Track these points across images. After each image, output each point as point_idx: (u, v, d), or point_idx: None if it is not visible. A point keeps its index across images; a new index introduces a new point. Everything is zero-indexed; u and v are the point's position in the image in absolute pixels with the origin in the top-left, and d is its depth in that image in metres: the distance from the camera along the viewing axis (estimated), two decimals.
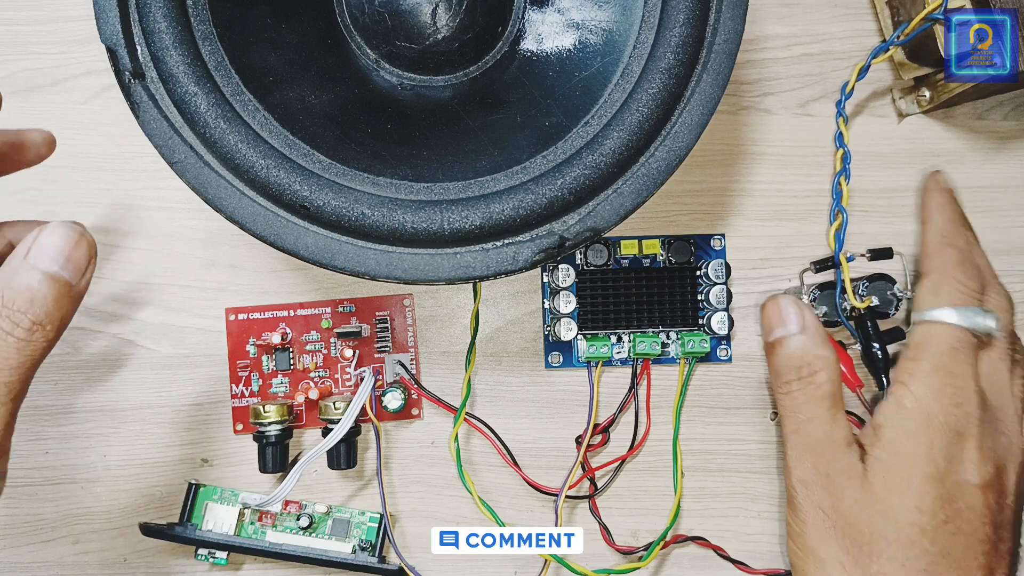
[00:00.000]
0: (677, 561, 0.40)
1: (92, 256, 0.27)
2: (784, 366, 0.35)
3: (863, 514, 0.33)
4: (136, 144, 0.40)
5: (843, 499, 0.33)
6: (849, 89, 0.40)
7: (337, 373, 0.40)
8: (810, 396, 0.35)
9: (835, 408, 0.35)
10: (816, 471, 0.34)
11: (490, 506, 0.38)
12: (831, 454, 0.34)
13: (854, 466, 0.34)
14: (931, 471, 0.32)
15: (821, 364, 0.35)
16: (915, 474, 0.32)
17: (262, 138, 0.29)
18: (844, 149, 0.40)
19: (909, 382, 0.34)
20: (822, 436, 0.34)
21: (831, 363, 0.35)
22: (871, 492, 0.33)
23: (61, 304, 0.26)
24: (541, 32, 0.35)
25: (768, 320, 0.37)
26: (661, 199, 0.41)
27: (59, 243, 0.26)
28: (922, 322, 0.35)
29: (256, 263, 0.40)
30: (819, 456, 0.34)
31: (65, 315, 0.26)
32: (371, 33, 0.35)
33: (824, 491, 0.34)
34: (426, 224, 0.29)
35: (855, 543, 0.33)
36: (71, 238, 0.26)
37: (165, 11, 0.29)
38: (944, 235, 0.37)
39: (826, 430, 0.34)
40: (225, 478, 0.40)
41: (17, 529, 0.40)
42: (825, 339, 0.35)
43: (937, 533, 0.32)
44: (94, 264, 0.27)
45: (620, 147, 0.29)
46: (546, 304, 0.40)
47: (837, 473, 0.34)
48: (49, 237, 0.26)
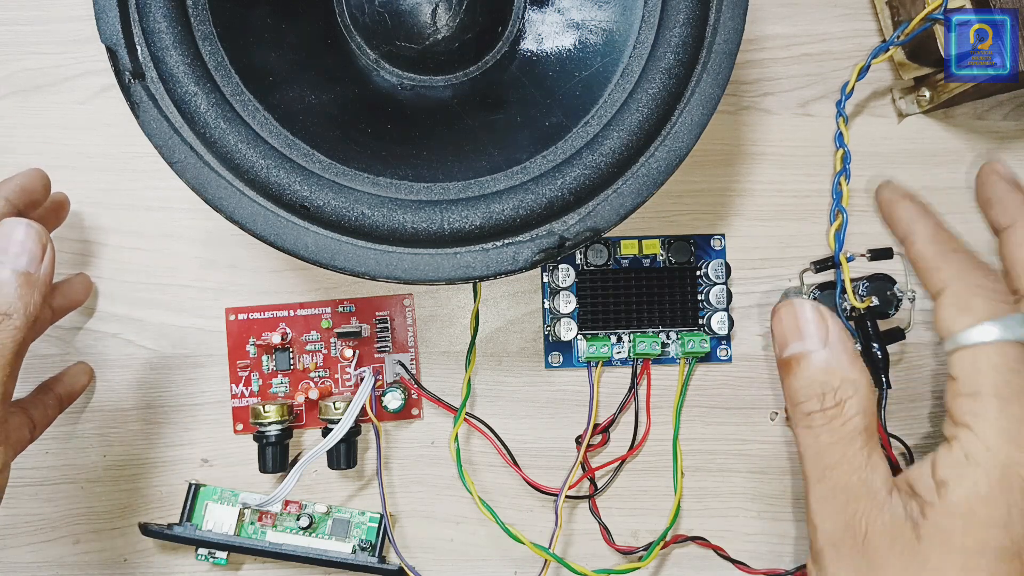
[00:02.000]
0: (677, 561, 0.40)
1: (45, 244, 0.29)
2: (804, 392, 0.29)
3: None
4: (136, 144, 0.40)
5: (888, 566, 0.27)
6: (849, 89, 0.40)
7: (337, 373, 0.40)
8: (838, 433, 0.28)
9: (869, 447, 0.28)
10: (849, 531, 0.27)
11: (490, 506, 0.38)
12: (868, 509, 0.27)
13: (899, 526, 0.27)
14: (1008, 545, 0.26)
15: (851, 390, 0.28)
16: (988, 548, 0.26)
17: (262, 138, 0.29)
18: (844, 149, 0.40)
19: (975, 425, 0.27)
20: (855, 485, 0.28)
21: (863, 389, 0.28)
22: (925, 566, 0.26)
23: (22, 293, 0.28)
24: (541, 32, 0.35)
25: (782, 330, 0.30)
26: (661, 199, 0.41)
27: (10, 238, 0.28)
28: (961, 348, 0.28)
29: (256, 263, 0.40)
30: (852, 511, 0.28)
31: (29, 303, 0.28)
32: (371, 33, 0.35)
33: (861, 558, 0.27)
34: (426, 224, 0.29)
35: None
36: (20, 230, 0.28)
37: (165, 11, 0.29)
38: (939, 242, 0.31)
39: (860, 477, 0.28)
40: (225, 478, 0.40)
41: (17, 529, 0.40)
42: (855, 357, 0.29)
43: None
44: (51, 251, 0.29)
45: (620, 147, 0.29)
46: (546, 304, 0.40)
47: (877, 535, 0.27)
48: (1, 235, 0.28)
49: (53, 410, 0.36)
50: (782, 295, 0.41)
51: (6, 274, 0.27)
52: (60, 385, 0.37)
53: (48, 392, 0.36)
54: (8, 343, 0.27)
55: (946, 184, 0.41)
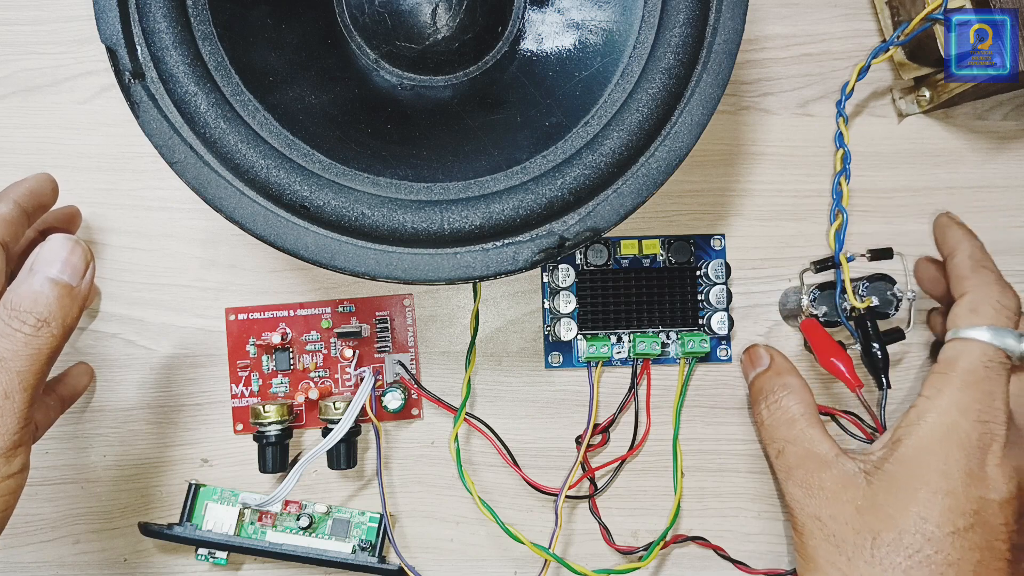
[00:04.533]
0: (677, 561, 0.40)
1: (88, 261, 0.30)
2: (755, 398, 0.39)
3: (863, 520, 0.33)
4: (136, 144, 0.40)
5: (842, 506, 0.33)
6: (849, 89, 0.40)
7: (337, 373, 0.40)
8: (780, 419, 0.37)
9: (810, 427, 0.36)
10: (807, 486, 0.35)
11: (490, 506, 0.38)
12: (819, 469, 0.35)
13: (849, 476, 0.34)
14: (943, 485, 0.32)
15: (785, 391, 0.37)
16: (925, 486, 0.32)
17: (262, 138, 0.29)
18: (844, 149, 0.40)
19: (935, 396, 0.33)
20: (802, 454, 0.35)
21: (796, 388, 0.37)
22: (874, 500, 0.33)
23: (63, 303, 0.29)
24: (541, 32, 0.35)
25: (745, 364, 0.40)
26: (661, 199, 0.41)
27: (57, 252, 0.29)
28: (956, 339, 0.34)
29: (256, 263, 0.40)
30: (807, 472, 0.35)
31: (68, 314, 0.29)
32: (371, 33, 0.35)
33: (819, 501, 0.34)
34: (426, 224, 0.29)
35: (855, 547, 0.32)
36: (67, 246, 0.30)
37: (165, 11, 0.29)
38: (977, 259, 0.36)
39: (806, 448, 0.35)
40: (225, 478, 0.40)
41: (17, 529, 0.40)
42: (790, 370, 0.38)
43: (944, 543, 0.31)
44: (93, 268, 0.30)
45: (620, 147, 0.29)
46: (546, 304, 0.40)
47: (831, 483, 0.34)
48: (49, 248, 0.29)
49: (55, 411, 0.37)
50: (782, 295, 0.41)
51: (48, 284, 0.29)
52: (62, 386, 0.38)
53: (50, 393, 0.37)
54: (44, 349, 0.28)
55: (946, 184, 0.41)
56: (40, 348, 0.28)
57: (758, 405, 0.38)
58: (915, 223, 0.41)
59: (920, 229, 0.41)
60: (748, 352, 0.40)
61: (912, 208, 0.41)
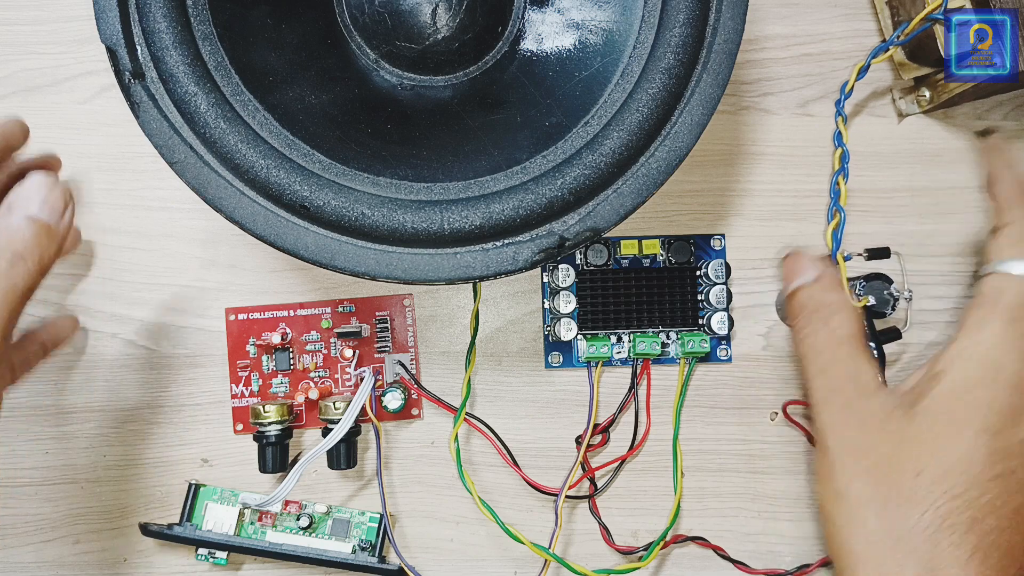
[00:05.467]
0: (677, 561, 0.40)
1: (68, 200, 0.30)
2: (799, 312, 0.36)
3: (905, 454, 0.31)
4: (136, 144, 0.40)
5: (880, 440, 0.31)
6: (849, 89, 0.40)
7: (337, 373, 0.40)
8: (827, 338, 0.34)
9: (857, 352, 0.33)
10: (846, 412, 0.32)
11: (490, 506, 0.38)
12: (860, 398, 0.32)
13: (890, 410, 0.32)
14: (988, 424, 0.30)
15: (836, 307, 0.34)
16: (970, 425, 0.30)
17: (262, 138, 0.29)
18: (843, 148, 0.40)
19: (977, 331, 0.32)
20: (845, 378, 0.33)
21: (846, 307, 0.34)
22: (916, 437, 0.31)
23: (40, 241, 0.29)
24: (541, 32, 0.35)
25: (786, 273, 0.37)
26: (661, 199, 0.41)
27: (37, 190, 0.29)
28: (995, 273, 0.33)
29: (256, 263, 0.40)
30: (847, 399, 0.33)
31: (45, 252, 0.29)
32: (371, 33, 0.35)
33: (857, 431, 0.32)
34: (426, 224, 0.29)
35: (892, 486, 0.30)
36: (47, 185, 0.29)
37: (165, 11, 0.29)
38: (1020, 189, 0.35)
39: (850, 372, 0.33)
40: (225, 478, 0.40)
41: (17, 529, 0.40)
42: (839, 288, 0.35)
43: (988, 486, 0.30)
44: (72, 208, 0.30)
45: (620, 147, 0.29)
46: (546, 304, 0.40)
47: (870, 416, 0.32)
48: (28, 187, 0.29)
49: (35, 356, 0.37)
50: (779, 294, 0.41)
51: (26, 222, 0.29)
52: (44, 332, 0.38)
53: (32, 339, 0.37)
54: (19, 284, 0.28)
55: (946, 184, 0.41)
56: (15, 283, 0.28)
57: (800, 319, 0.35)
58: (915, 223, 0.41)
59: (919, 229, 0.41)
60: (789, 259, 0.37)
61: (911, 208, 0.41)
